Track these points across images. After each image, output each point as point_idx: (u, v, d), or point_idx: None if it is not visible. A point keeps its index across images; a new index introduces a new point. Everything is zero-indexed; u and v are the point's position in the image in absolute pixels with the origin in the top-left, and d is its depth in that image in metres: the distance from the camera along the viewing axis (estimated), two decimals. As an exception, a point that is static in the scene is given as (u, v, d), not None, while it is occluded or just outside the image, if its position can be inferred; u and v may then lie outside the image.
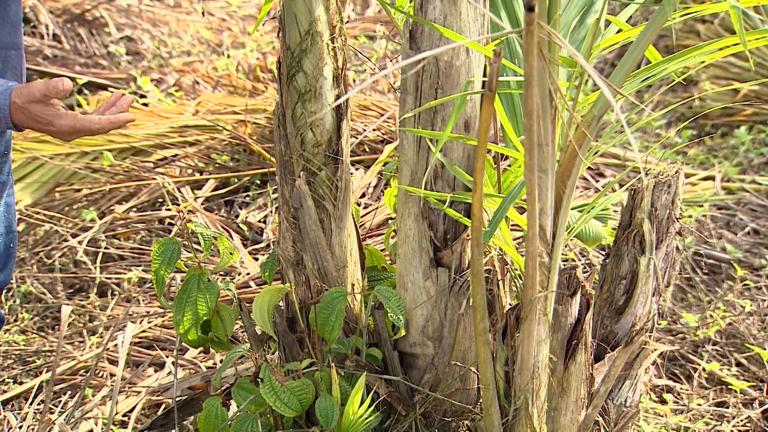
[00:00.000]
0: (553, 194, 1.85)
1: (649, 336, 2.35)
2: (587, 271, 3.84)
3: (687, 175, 4.86)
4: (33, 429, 2.99)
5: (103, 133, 2.19)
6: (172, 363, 3.36)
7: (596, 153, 2.00)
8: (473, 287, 1.88)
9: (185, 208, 2.45)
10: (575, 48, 2.23)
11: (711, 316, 3.77)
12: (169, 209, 4.31)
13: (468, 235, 2.25)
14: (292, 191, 2.34)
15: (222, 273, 3.95)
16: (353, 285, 2.45)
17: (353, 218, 2.47)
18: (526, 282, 1.87)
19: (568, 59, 1.85)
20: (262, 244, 4.24)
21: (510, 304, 2.41)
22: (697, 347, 3.66)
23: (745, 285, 3.99)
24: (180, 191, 4.46)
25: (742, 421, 3.25)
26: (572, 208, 2.31)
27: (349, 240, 2.44)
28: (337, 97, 2.32)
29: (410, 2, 2.33)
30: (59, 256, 4.14)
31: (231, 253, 2.50)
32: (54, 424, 3.03)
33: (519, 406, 1.96)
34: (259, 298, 2.34)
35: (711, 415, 3.28)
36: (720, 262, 4.23)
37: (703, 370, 3.51)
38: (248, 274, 3.90)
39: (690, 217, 4.46)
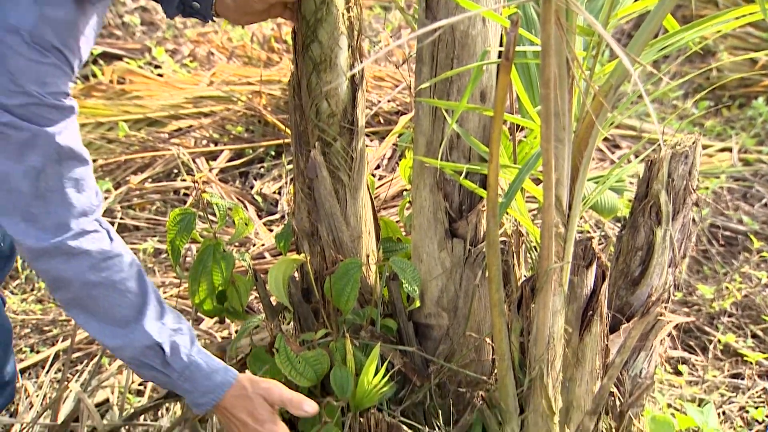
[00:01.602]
0: (570, 165, 1.84)
1: (665, 307, 2.34)
2: (603, 243, 3.83)
3: (704, 147, 4.83)
4: (50, 397, 3.01)
5: None
6: (188, 333, 3.37)
7: (612, 124, 1.99)
8: (488, 258, 1.88)
9: (200, 178, 2.45)
10: (593, 16, 2.21)
11: (727, 288, 3.76)
12: (184, 180, 4.31)
13: (483, 206, 2.24)
14: (307, 162, 2.33)
15: (237, 244, 3.96)
16: (368, 256, 2.45)
17: (368, 189, 2.47)
18: (541, 253, 1.87)
19: (585, 28, 1.84)
20: (277, 216, 4.24)
21: (525, 276, 2.40)
22: (712, 319, 3.65)
23: (761, 257, 3.97)
24: (195, 162, 4.46)
25: (757, 392, 3.25)
26: (588, 180, 2.29)
27: (364, 211, 2.44)
28: (352, 66, 2.31)
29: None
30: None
31: (246, 224, 2.50)
32: (71, 392, 3.05)
33: (534, 377, 1.96)
34: (274, 268, 2.34)
35: (726, 386, 3.27)
36: (736, 234, 4.21)
37: (719, 341, 3.50)
38: (263, 245, 3.90)
39: (707, 189, 4.44)
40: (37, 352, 3.35)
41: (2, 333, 2.16)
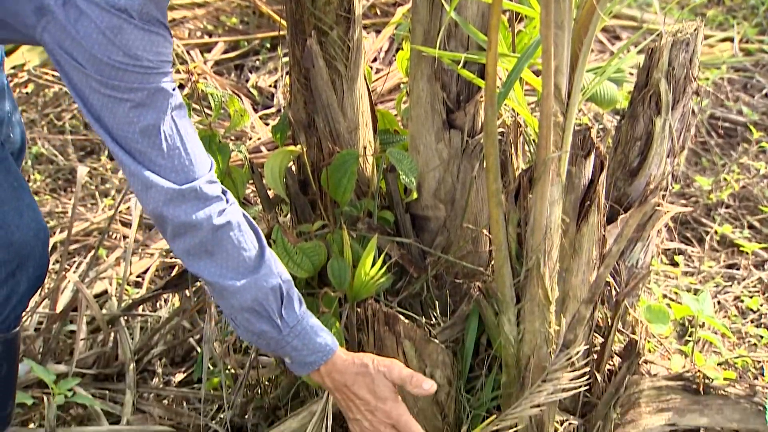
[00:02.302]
0: (569, 52, 1.81)
1: (663, 196, 2.34)
2: (601, 135, 3.81)
3: (705, 37, 4.77)
4: (48, 287, 3.03)
5: None
6: (185, 226, 3.37)
7: (611, 13, 1.95)
8: (486, 148, 1.86)
9: (195, 68, 2.41)
10: None
11: (725, 179, 3.76)
12: (178, 72, 4.26)
13: (481, 97, 2.22)
14: (303, 51, 2.30)
15: (233, 138, 3.94)
16: (365, 147, 2.43)
17: (365, 80, 2.44)
18: (539, 142, 1.85)
19: None
20: (273, 109, 4.22)
21: (522, 169, 2.39)
22: (709, 210, 3.66)
23: (760, 147, 3.96)
24: (189, 54, 4.41)
25: (752, 282, 3.28)
26: (588, 71, 2.26)
27: (361, 102, 2.41)
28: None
29: None
30: (69, 118, 4.12)
31: (242, 115, 2.47)
32: (69, 282, 3.06)
33: (530, 267, 1.97)
34: (271, 160, 2.32)
35: (722, 276, 3.30)
36: (736, 125, 4.19)
37: (715, 233, 3.52)
38: (259, 139, 3.88)
39: (707, 79, 4.40)
40: (35, 244, 3.35)
41: (43, 232, 2.17)
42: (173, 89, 1.81)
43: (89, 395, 2.62)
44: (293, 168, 2.49)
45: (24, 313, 2.31)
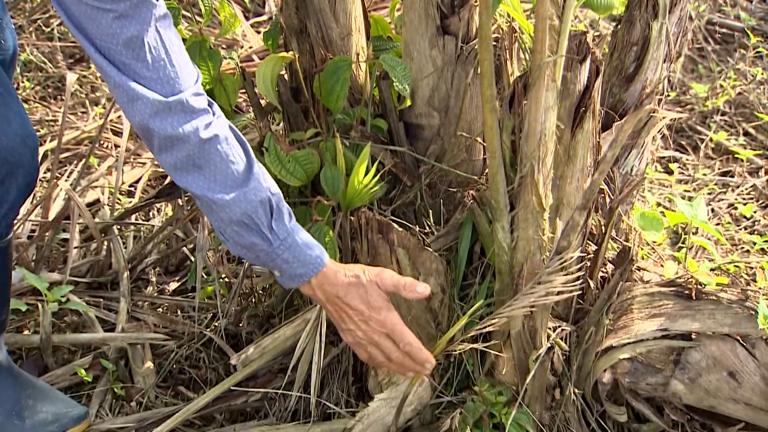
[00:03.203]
0: (566, -46, 1.77)
1: (659, 101, 2.32)
2: (597, 41, 3.77)
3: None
4: (40, 195, 3.02)
5: (397, 359, 1.97)
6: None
7: None
8: (481, 53, 1.84)
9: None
10: None
11: (721, 86, 3.73)
12: (167, -22, 4.19)
13: (476, 1, 2.18)
14: (293, -46, 2.25)
15: (223, 46, 3.89)
16: (358, 54, 2.40)
17: (358, -16, 2.39)
18: (534, 47, 1.82)
19: None
20: (264, 17, 4.16)
21: (517, 75, 2.37)
22: (705, 118, 3.64)
23: (757, 53, 3.92)
24: (178, -42, 4.32)
25: (746, 189, 3.27)
26: (584, -25, 2.23)
27: (354, 7, 2.37)
28: None
29: None
30: (57, 25, 4.06)
31: (233, 20, 2.43)
32: (61, 190, 3.05)
33: (525, 174, 1.96)
34: (262, 67, 2.29)
35: (716, 184, 3.30)
36: (733, 30, 4.14)
37: (711, 140, 3.51)
38: (251, 47, 3.84)
39: (705, -16, 4.34)
40: (25, 151, 3.33)
41: (31, 139, 2.14)
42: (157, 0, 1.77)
43: (83, 303, 2.63)
44: (285, 75, 2.46)
45: (16, 221, 2.30)
